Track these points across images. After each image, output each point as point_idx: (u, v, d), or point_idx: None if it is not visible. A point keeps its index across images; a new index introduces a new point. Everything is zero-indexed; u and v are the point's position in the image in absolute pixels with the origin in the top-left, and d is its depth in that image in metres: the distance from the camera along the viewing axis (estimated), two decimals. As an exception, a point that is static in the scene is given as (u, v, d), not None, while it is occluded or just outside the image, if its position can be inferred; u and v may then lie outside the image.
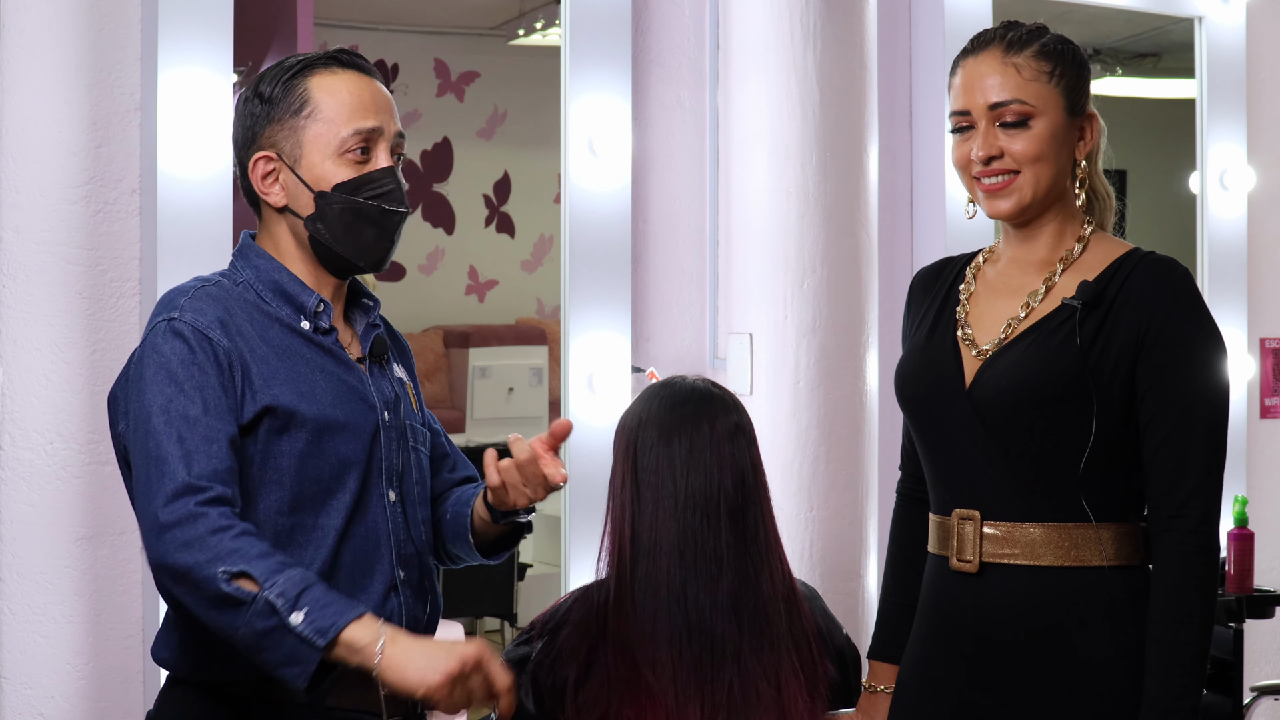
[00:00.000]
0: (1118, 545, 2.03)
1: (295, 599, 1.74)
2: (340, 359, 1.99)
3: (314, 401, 1.93)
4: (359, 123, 1.97)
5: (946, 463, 2.10)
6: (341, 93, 1.97)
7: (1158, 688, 1.96)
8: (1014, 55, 2.06)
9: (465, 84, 5.85)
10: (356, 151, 1.97)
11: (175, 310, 1.91)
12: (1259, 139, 4.07)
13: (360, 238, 1.98)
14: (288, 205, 1.99)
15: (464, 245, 6.11)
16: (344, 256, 1.99)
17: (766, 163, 3.20)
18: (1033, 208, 2.08)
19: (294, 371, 1.94)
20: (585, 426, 3.16)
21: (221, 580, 1.74)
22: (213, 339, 1.88)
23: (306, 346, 1.97)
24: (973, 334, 2.11)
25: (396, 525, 2.01)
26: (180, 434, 1.82)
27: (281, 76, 1.98)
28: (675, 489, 2.16)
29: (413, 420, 2.09)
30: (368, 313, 2.08)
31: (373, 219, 1.98)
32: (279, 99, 1.98)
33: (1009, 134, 2.06)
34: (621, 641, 2.14)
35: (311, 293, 1.99)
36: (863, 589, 3.21)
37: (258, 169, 1.99)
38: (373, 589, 1.97)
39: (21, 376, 2.75)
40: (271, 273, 1.99)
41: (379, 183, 1.98)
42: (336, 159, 1.96)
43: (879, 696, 2.25)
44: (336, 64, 2.00)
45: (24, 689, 2.74)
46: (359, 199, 1.97)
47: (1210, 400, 2.00)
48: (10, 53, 2.74)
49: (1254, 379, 4.07)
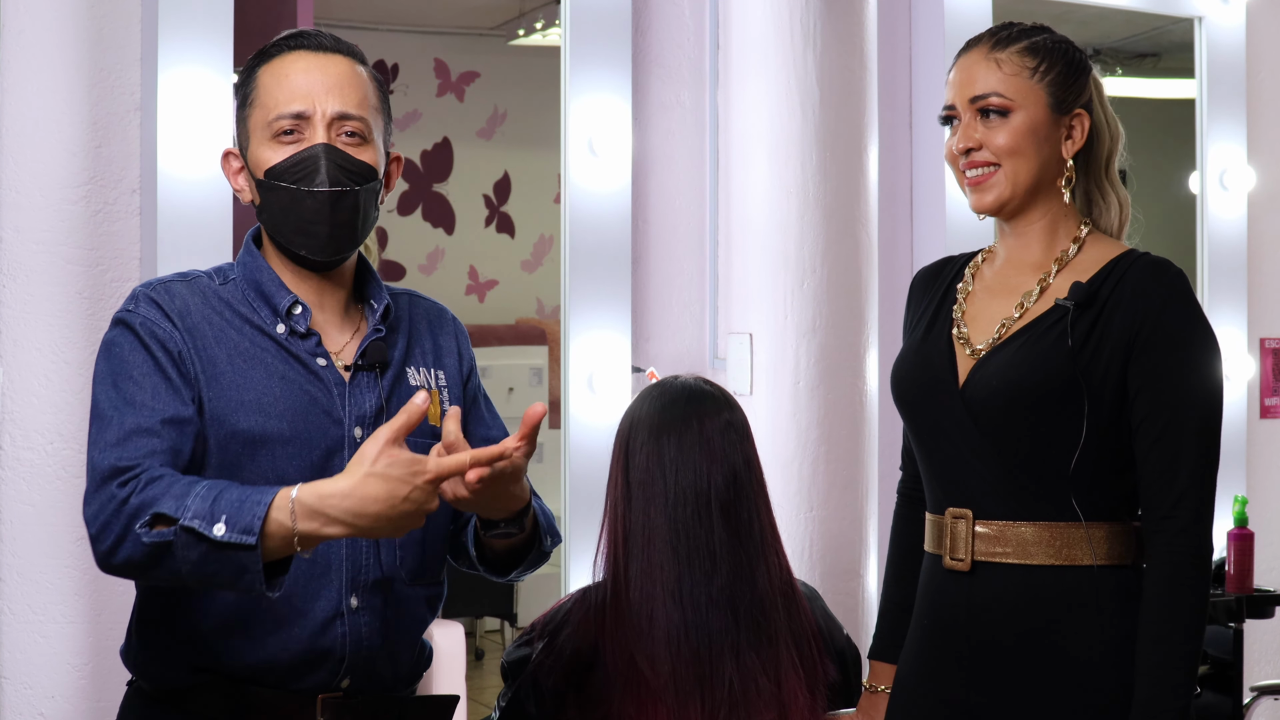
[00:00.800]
0: (1109, 545, 2.03)
1: (209, 514, 1.66)
2: (309, 367, 1.88)
3: (255, 411, 1.83)
4: (287, 105, 1.87)
5: (940, 461, 2.11)
6: (285, 76, 1.88)
7: (1148, 689, 1.96)
8: (998, 51, 2.10)
9: (465, 84, 5.85)
10: (284, 135, 1.87)
11: (132, 301, 1.86)
12: (1259, 139, 4.07)
13: (296, 224, 1.87)
14: (252, 199, 1.93)
15: (464, 245, 6.11)
16: (285, 245, 1.90)
17: (766, 163, 3.20)
18: (1013, 202, 2.10)
19: (244, 378, 1.85)
20: (585, 426, 3.16)
21: (144, 536, 1.68)
22: (159, 335, 1.83)
23: (274, 353, 1.87)
24: (968, 333, 2.12)
25: (356, 550, 1.89)
26: (107, 423, 1.77)
27: (244, 70, 1.93)
28: (666, 485, 2.16)
29: (417, 435, 1.85)
30: (373, 314, 1.95)
31: (299, 201, 1.86)
32: (238, 93, 1.93)
33: (988, 126, 2.08)
34: (620, 640, 2.14)
35: (286, 293, 1.90)
36: (863, 589, 3.22)
37: (229, 165, 1.94)
38: (312, 615, 1.86)
39: (21, 376, 2.75)
40: (254, 271, 1.92)
41: (304, 163, 1.86)
42: (268, 143, 1.88)
43: (879, 696, 2.25)
44: (287, 47, 1.91)
45: (24, 689, 2.74)
46: (284, 183, 1.86)
47: (1202, 401, 2.00)
48: (10, 53, 2.74)
49: (1254, 379, 4.07)
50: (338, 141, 1.88)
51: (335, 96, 1.88)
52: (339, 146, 1.87)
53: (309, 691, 1.87)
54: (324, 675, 1.88)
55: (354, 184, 1.88)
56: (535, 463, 1.92)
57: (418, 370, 1.98)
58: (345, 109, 1.88)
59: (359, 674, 1.90)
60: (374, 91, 1.94)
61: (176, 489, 1.69)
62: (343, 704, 1.88)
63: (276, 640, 1.85)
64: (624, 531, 2.18)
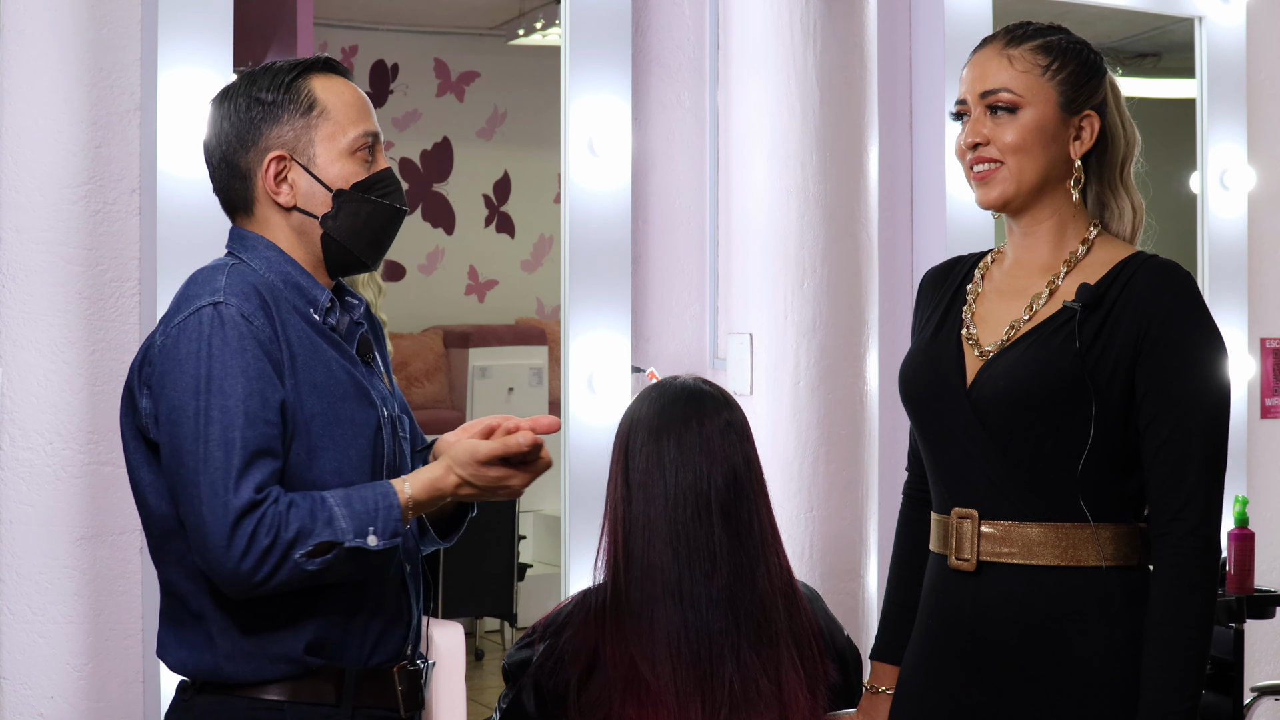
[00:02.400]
0: (1115, 545, 2.03)
1: (360, 529, 1.86)
2: (348, 354, 2.01)
3: (329, 396, 1.95)
4: (365, 125, 2.01)
5: (946, 462, 2.11)
6: (343, 94, 2.02)
7: (1154, 691, 1.96)
8: (1011, 48, 2.10)
9: (465, 84, 5.85)
10: (365, 151, 2.01)
11: (219, 294, 1.90)
12: (1259, 139, 4.07)
13: (370, 235, 2.03)
14: (297, 204, 2.00)
15: (464, 245, 6.11)
16: (354, 253, 2.02)
17: (766, 163, 3.20)
18: (1018, 199, 2.10)
19: (313, 365, 1.95)
20: (585, 427, 3.16)
21: (308, 565, 1.83)
22: (256, 324, 1.89)
23: (324, 340, 1.98)
24: (977, 334, 2.12)
25: None
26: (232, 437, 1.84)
27: (282, 79, 2.00)
28: (665, 486, 2.16)
29: (404, 411, 2.12)
30: (353, 310, 2.08)
31: (385, 217, 2.03)
32: (284, 100, 1.99)
33: (997, 122, 2.08)
34: (620, 641, 2.14)
35: (323, 288, 2.01)
36: (863, 589, 3.21)
37: (270, 169, 1.99)
38: (386, 586, 1.99)
39: (21, 376, 2.75)
40: (282, 264, 1.99)
41: (386, 182, 2.03)
42: (349, 158, 2.00)
43: (880, 697, 2.25)
44: (330, 70, 2.03)
45: (24, 689, 2.74)
46: (372, 197, 2.01)
47: (1210, 403, 2.00)
48: (10, 53, 2.74)
49: (1254, 379, 4.07)
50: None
51: (377, 125, 2.05)
52: None
53: (388, 663, 2.00)
54: (397, 642, 2.02)
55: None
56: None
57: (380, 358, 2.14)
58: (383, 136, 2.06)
59: (415, 639, 2.06)
60: None
61: (320, 512, 1.86)
62: (410, 671, 2.02)
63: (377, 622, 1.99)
64: (624, 532, 2.18)
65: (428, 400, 5.74)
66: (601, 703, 2.13)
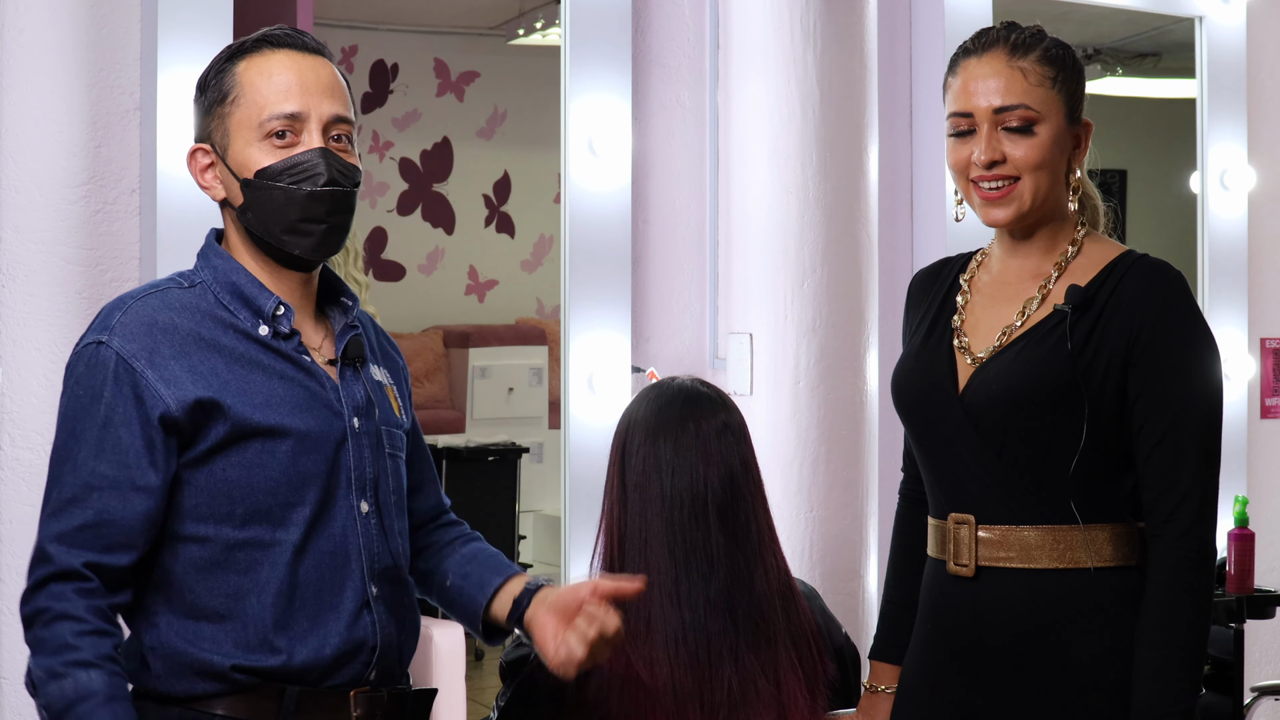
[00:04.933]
0: (1112, 547, 2.03)
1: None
2: (300, 365, 1.90)
3: (266, 410, 1.85)
4: (281, 105, 1.87)
5: (941, 467, 2.10)
6: (271, 75, 1.88)
7: (1148, 693, 1.95)
8: (1019, 59, 2.04)
9: (465, 84, 5.84)
10: (277, 136, 1.87)
11: (105, 332, 1.84)
12: (1259, 139, 4.07)
13: (287, 224, 1.88)
14: (226, 199, 1.92)
15: (464, 245, 6.11)
16: (275, 245, 1.89)
17: (766, 163, 3.20)
18: (1030, 215, 2.07)
19: (248, 381, 1.85)
20: (585, 426, 3.16)
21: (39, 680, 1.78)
22: (137, 369, 1.82)
23: (263, 353, 1.88)
24: (969, 342, 2.11)
25: (369, 538, 1.92)
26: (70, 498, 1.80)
27: (215, 65, 1.92)
28: (662, 488, 2.16)
29: (391, 425, 1.99)
30: (346, 313, 1.98)
31: (296, 204, 1.86)
32: (211, 88, 1.91)
33: (1012, 139, 2.04)
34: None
35: (270, 295, 1.90)
36: (863, 589, 3.21)
37: (196, 161, 1.92)
38: (342, 607, 1.88)
39: (21, 376, 2.75)
40: (229, 274, 1.90)
41: (303, 166, 1.87)
42: (259, 144, 1.87)
43: (880, 697, 2.25)
44: (268, 45, 1.90)
45: (24, 689, 2.74)
46: (281, 184, 1.86)
47: (1203, 404, 2.00)
48: (10, 53, 2.74)
49: (1254, 379, 4.07)
50: (331, 145, 1.89)
51: (327, 99, 1.90)
52: (333, 150, 1.89)
53: (344, 686, 1.89)
54: (358, 667, 1.90)
55: (351, 185, 1.90)
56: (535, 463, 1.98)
57: (377, 368, 2.02)
58: (338, 112, 1.91)
59: (382, 665, 1.92)
60: (350, 95, 1.97)
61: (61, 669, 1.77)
62: (372, 696, 1.90)
63: (316, 637, 1.87)
64: (620, 534, 2.18)
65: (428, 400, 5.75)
66: (599, 703, 2.13)
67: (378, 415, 1.96)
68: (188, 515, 1.84)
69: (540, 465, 5.46)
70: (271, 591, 1.84)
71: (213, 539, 1.84)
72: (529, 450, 5.31)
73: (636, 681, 2.12)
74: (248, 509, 1.84)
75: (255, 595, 1.84)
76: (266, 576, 1.85)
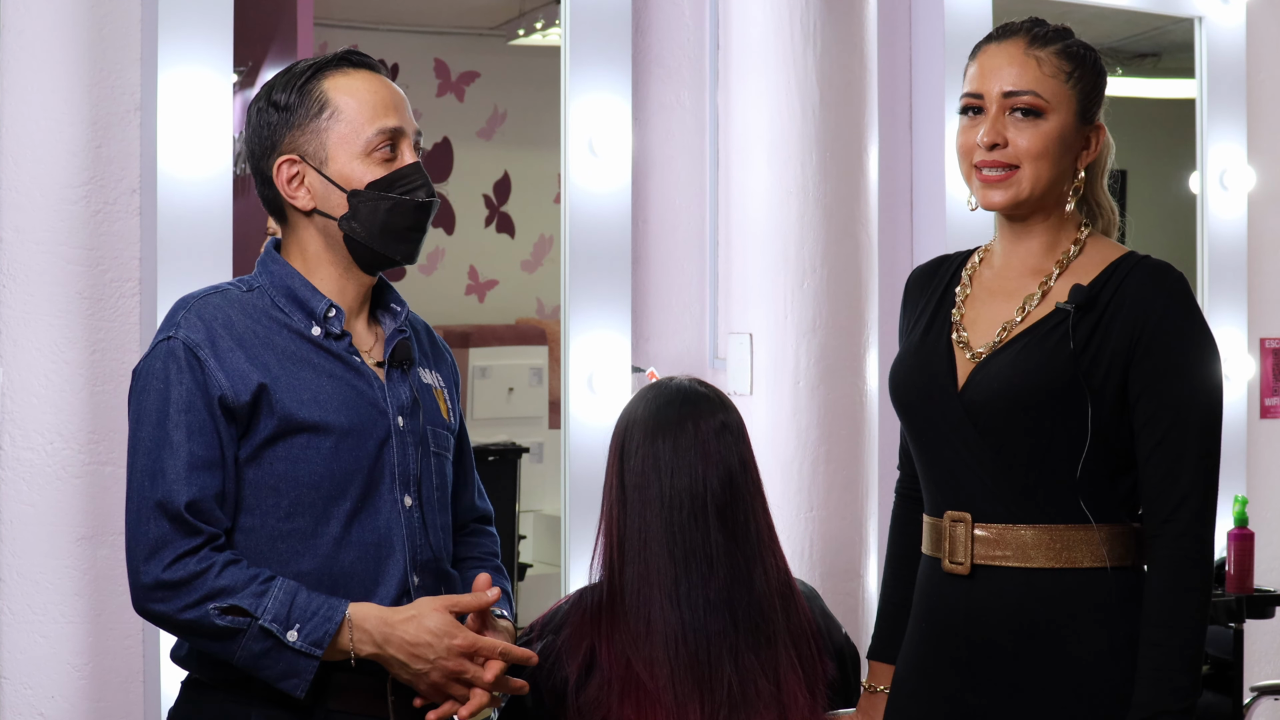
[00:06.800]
0: (1109, 546, 2.03)
1: (286, 618, 1.87)
2: (349, 364, 2.02)
3: (315, 407, 1.96)
4: (382, 122, 2.01)
5: (939, 464, 2.10)
6: (360, 93, 2.02)
7: (1147, 691, 1.95)
8: (1037, 49, 2.06)
9: (465, 84, 5.85)
10: (384, 149, 2.01)
11: (173, 328, 1.96)
12: (1259, 139, 4.07)
13: (395, 232, 2.02)
14: (316, 207, 2.02)
15: (464, 245, 6.11)
16: (379, 251, 2.03)
17: (766, 163, 3.20)
18: (1027, 204, 2.07)
19: (297, 377, 1.97)
20: (585, 426, 3.16)
21: (217, 618, 1.87)
22: (201, 358, 1.93)
23: (314, 352, 2.00)
24: (968, 337, 2.11)
25: (413, 531, 2.02)
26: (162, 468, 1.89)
27: (295, 82, 2.02)
28: (661, 488, 2.16)
29: (437, 425, 2.10)
30: (396, 317, 2.10)
31: (407, 213, 2.02)
32: (295, 104, 2.01)
33: (1017, 125, 2.05)
34: (617, 643, 2.14)
35: (322, 298, 2.02)
36: (863, 589, 3.22)
37: (282, 173, 2.01)
38: (384, 595, 1.99)
39: (21, 376, 2.75)
40: (285, 279, 2.02)
41: (409, 179, 2.02)
42: (365, 158, 2.00)
43: (879, 696, 2.25)
44: (348, 64, 2.04)
45: (24, 689, 2.74)
46: (393, 195, 2.01)
47: (1203, 404, 2.00)
48: (10, 53, 2.74)
49: (1254, 379, 4.07)
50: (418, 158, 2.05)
51: (411, 117, 2.06)
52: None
53: (382, 671, 1.96)
54: None
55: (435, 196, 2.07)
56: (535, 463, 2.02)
57: (428, 371, 2.13)
58: (418, 128, 2.06)
59: None
60: None
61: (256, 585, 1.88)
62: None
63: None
64: (619, 535, 2.18)
65: (428, 400, 5.74)
66: (600, 703, 2.13)
67: (423, 416, 2.06)
68: (236, 506, 1.95)
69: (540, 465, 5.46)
70: (311, 581, 1.93)
71: (258, 530, 1.95)
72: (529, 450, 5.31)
73: (636, 682, 2.12)
74: (293, 501, 1.95)
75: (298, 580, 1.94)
76: (308, 567, 1.95)
